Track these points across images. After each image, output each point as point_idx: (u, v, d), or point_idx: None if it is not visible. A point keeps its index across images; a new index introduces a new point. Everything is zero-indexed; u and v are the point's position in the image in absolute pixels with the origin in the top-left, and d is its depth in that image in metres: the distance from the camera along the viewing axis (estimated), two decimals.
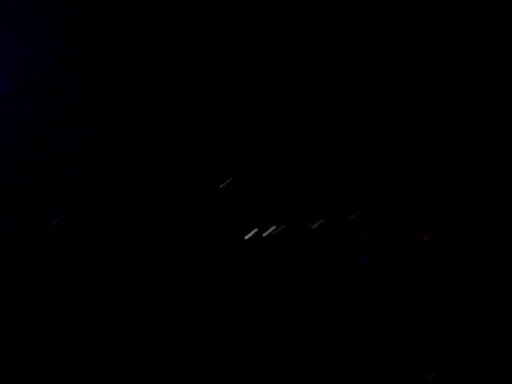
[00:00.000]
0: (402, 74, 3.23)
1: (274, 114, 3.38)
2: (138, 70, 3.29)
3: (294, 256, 3.36)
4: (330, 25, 3.21)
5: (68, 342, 3.06)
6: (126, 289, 3.14)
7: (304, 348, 3.04)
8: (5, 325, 3.04)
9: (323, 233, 3.44)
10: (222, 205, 3.50)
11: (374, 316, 3.09)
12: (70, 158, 3.25)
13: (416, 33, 3.19)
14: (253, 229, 3.46)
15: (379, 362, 2.91)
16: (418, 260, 3.27)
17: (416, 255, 3.33)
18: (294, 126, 3.39)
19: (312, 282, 3.25)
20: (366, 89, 3.27)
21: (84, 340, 3.08)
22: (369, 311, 3.12)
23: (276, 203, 3.45)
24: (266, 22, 3.22)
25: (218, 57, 3.27)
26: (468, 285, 3.11)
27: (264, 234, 3.51)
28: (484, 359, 2.82)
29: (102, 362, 3.04)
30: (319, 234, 3.45)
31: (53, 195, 3.18)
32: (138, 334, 3.07)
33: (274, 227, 3.47)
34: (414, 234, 3.33)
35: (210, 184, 3.51)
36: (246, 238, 3.37)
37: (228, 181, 3.49)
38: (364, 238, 3.40)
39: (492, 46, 3.14)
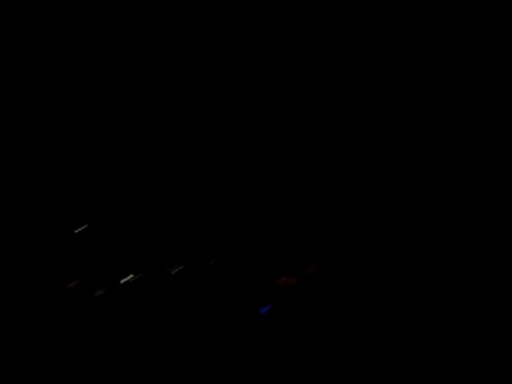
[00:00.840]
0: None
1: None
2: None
3: (154, 302, 3.31)
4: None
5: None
6: None
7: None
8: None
9: (183, 278, 3.40)
10: (78, 250, 3.43)
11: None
12: None
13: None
14: (111, 275, 3.39)
15: None
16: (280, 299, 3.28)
17: (277, 295, 3.34)
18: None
19: (174, 327, 3.22)
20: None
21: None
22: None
23: (134, 250, 3.41)
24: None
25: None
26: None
27: (122, 281, 3.43)
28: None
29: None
30: (179, 280, 3.41)
31: None
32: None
33: (132, 275, 3.41)
34: (272, 275, 3.34)
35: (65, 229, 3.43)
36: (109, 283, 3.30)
37: (84, 226, 3.42)
38: (224, 281, 3.39)
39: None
